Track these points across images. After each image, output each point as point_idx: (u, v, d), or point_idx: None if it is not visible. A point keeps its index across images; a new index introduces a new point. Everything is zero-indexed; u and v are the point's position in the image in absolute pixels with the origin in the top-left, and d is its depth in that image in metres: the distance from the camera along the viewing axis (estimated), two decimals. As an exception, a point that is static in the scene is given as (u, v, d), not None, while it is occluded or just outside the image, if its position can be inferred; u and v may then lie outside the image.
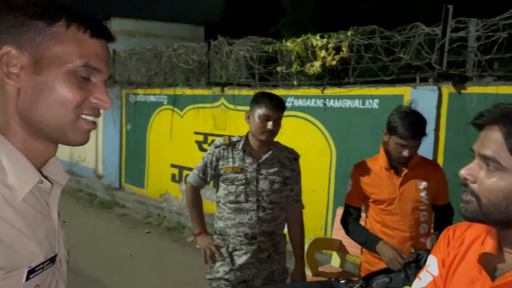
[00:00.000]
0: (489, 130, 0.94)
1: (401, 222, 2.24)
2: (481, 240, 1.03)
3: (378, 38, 4.19)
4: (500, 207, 0.91)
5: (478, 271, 0.98)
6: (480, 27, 3.52)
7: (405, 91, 4.00)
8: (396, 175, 2.27)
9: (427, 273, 1.13)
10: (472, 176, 0.95)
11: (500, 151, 0.90)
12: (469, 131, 3.57)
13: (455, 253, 1.07)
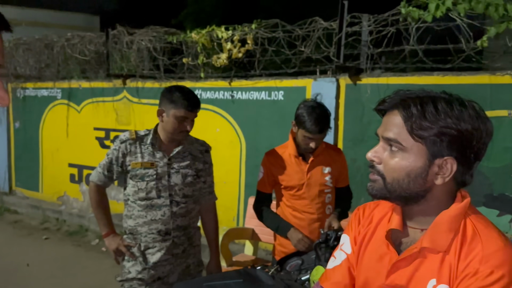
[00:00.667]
0: (390, 115, 1.01)
1: (310, 206, 2.38)
2: (388, 217, 1.11)
3: (280, 32, 4.32)
4: (403, 184, 0.98)
5: (386, 246, 1.06)
6: (372, 22, 3.82)
7: (307, 83, 4.19)
8: (304, 162, 2.40)
9: (341, 252, 1.19)
10: (377, 158, 1.02)
11: (400, 133, 0.97)
12: (364, 119, 3.87)
13: (365, 231, 1.14)
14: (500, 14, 3.08)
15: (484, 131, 0.95)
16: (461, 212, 0.98)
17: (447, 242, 0.96)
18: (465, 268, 0.92)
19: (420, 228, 1.03)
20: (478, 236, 0.94)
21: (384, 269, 1.04)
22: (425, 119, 0.94)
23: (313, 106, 2.29)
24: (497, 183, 3.31)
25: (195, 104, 2.15)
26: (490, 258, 0.90)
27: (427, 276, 0.97)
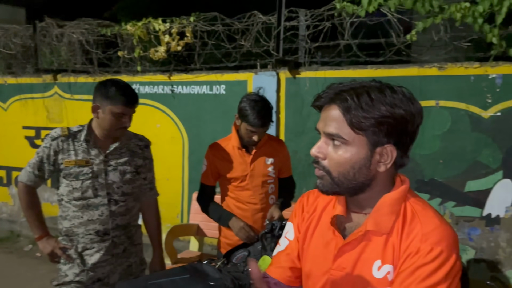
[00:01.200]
0: (328, 109, 1.02)
1: (253, 196, 2.41)
2: (333, 204, 1.13)
3: (220, 25, 4.29)
4: (349, 176, 1.00)
5: (332, 232, 1.08)
6: (309, 17, 3.90)
7: (248, 76, 4.20)
8: (247, 154, 2.41)
9: (285, 239, 1.21)
10: (322, 154, 1.03)
11: (341, 127, 0.99)
12: (304, 111, 3.96)
13: (310, 218, 1.16)
14: (427, 10, 3.27)
15: (416, 113, 1.00)
16: (401, 196, 1.02)
17: (389, 224, 1.00)
18: (407, 248, 0.97)
19: (364, 213, 1.07)
20: (417, 217, 0.99)
21: (330, 254, 1.07)
22: (362, 110, 0.97)
23: (256, 100, 2.31)
24: (428, 169, 3.54)
25: (133, 99, 2.06)
26: (429, 236, 0.95)
27: (372, 258, 1.01)
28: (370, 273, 1.00)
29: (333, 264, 1.06)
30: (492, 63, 3.25)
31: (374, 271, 1.00)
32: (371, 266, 1.00)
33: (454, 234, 0.97)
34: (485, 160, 3.35)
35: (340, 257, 1.05)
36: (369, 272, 1.00)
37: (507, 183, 3.29)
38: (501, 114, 3.28)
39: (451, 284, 0.92)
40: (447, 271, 0.92)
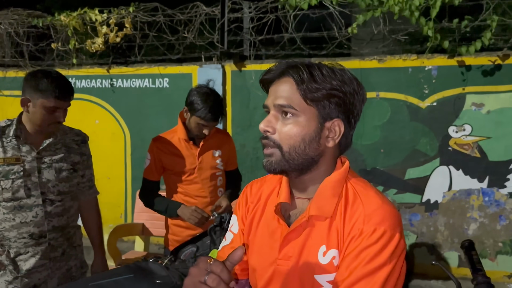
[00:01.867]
0: (279, 82, 1.00)
1: (202, 189, 2.35)
2: (277, 192, 1.10)
3: (161, 16, 4.15)
4: (299, 150, 0.97)
5: (276, 221, 1.04)
6: (253, 9, 3.87)
7: (193, 69, 4.10)
8: (194, 146, 2.34)
9: (230, 233, 1.16)
10: (271, 128, 0.99)
11: (293, 98, 0.96)
12: (251, 105, 3.93)
13: (254, 209, 1.12)
14: (367, 3, 3.35)
15: (362, 94, 1.00)
16: (343, 177, 1.01)
17: (332, 207, 0.98)
18: (351, 230, 0.95)
19: (307, 198, 1.04)
20: (359, 198, 0.98)
21: (276, 243, 1.03)
22: (315, 82, 0.95)
23: (207, 93, 2.24)
24: (369, 158, 3.65)
25: (67, 91, 1.90)
26: (372, 217, 0.93)
27: (317, 244, 0.98)
28: (316, 259, 0.98)
29: (279, 253, 1.02)
30: (428, 55, 3.41)
31: (320, 257, 0.97)
32: (316, 252, 0.98)
33: (397, 212, 0.96)
34: (423, 148, 3.52)
35: (286, 245, 1.02)
36: (315, 258, 0.98)
37: (444, 170, 3.48)
38: (436, 104, 3.45)
39: (396, 264, 0.92)
40: (392, 251, 0.91)
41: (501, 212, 3.35)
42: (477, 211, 3.41)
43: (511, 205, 3.33)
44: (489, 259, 3.38)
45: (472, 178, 3.41)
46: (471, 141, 3.39)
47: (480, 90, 3.34)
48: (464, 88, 3.38)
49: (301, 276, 0.98)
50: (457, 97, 3.41)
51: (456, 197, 3.47)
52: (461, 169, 3.44)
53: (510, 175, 3.31)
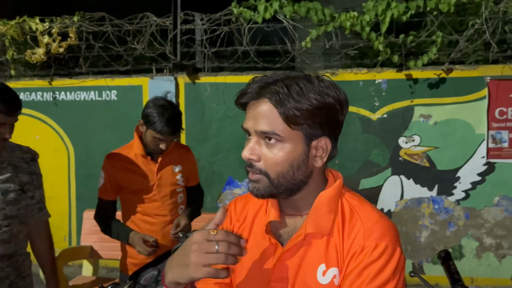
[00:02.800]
0: (256, 105, 0.92)
1: (162, 208, 2.21)
2: (264, 209, 1.03)
3: (109, 26, 3.96)
4: (288, 176, 0.92)
5: (267, 240, 0.98)
6: (206, 21, 3.82)
7: (143, 81, 3.95)
8: (152, 162, 2.20)
9: None
10: (255, 155, 0.92)
11: (275, 123, 0.90)
12: (205, 118, 3.85)
13: (241, 229, 1.04)
14: (319, 18, 3.42)
15: (343, 101, 0.94)
16: (337, 192, 0.96)
17: (329, 224, 0.93)
18: (351, 247, 0.91)
19: (300, 214, 0.98)
20: (356, 213, 0.94)
21: (267, 265, 0.96)
22: (295, 101, 0.89)
23: (164, 105, 2.11)
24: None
25: (14, 105, 1.72)
26: (372, 232, 0.90)
27: (315, 263, 0.93)
28: (315, 280, 0.92)
29: (273, 275, 0.95)
30: (378, 69, 3.54)
31: (319, 276, 0.92)
32: (315, 272, 0.92)
33: (395, 226, 0.94)
34: (375, 159, 3.62)
35: (280, 266, 0.95)
36: (314, 278, 0.92)
37: (395, 180, 3.60)
38: (387, 116, 3.58)
39: (399, 279, 0.89)
40: (395, 267, 0.88)
41: (450, 219, 3.52)
42: (428, 218, 3.55)
43: (459, 212, 3.51)
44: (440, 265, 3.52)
45: (422, 187, 3.56)
46: (420, 151, 3.55)
47: (427, 102, 3.51)
48: (412, 100, 3.54)
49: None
50: (406, 109, 3.56)
51: (408, 205, 3.59)
52: (412, 179, 3.58)
53: (457, 183, 3.50)
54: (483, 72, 3.40)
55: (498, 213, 3.44)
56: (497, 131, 3.39)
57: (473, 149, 3.45)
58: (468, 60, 3.64)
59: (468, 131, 3.45)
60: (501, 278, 3.44)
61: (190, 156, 2.41)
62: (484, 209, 3.47)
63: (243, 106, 0.96)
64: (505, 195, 3.42)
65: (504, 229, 3.44)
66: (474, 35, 3.49)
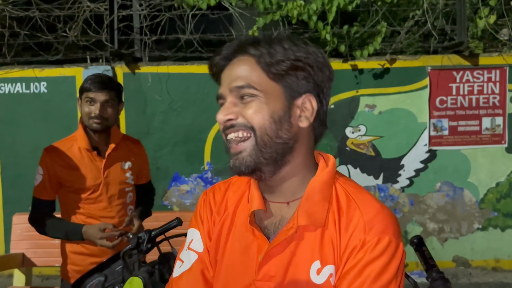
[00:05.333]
0: (233, 64, 0.84)
1: (109, 209, 2.00)
2: (246, 198, 0.91)
3: (36, 11, 3.61)
4: (271, 130, 0.82)
5: (251, 233, 0.86)
6: (145, 6, 3.59)
7: (77, 72, 3.64)
8: (99, 157, 1.98)
9: (190, 251, 0.93)
10: (233, 114, 0.82)
11: (252, 76, 0.82)
12: (148, 110, 3.63)
13: (222, 220, 0.91)
14: (266, 6, 3.34)
15: (330, 69, 0.87)
16: (331, 177, 0.86)
17: (324, 214, 0.83)
18: (349, 241, 0.81)
19: (285, 202, 0.87)
20: (353, 202, 0.84)
21: (252, 261, 0.85)
22: (277, 53, 0.81)
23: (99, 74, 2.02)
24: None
25: None
26: (373, 225, 0.81)
27: (308, 260, 0.82)
28: (308, 279, 0.82)
29: (258, 273, 0.84)
30: (325, 59, 3.52)
31: (313, 275, 0.81)
32: (308, 270, 0.82)
33: (396, 218, 0.85)
34: (324, 149, 3.59)
35: (267, 263, 0.84)
36: (307, 277, 0.82)
37: (343, 169, 3.62)
38: (334, 106, 3.59)
39: (402, 277, 0.81)
40: (398, 264, 0.80)
41: (395, 206, 3.61)
42: (375, 206, 3.62)
43: (403, 199, 3.61)
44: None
45: (368, 176, 3.61)
46: (366, 141, 3.60)
47: (372, 92, 3.56)
48: (357, 90, 3.57)
49: None
50: (352, 99, 3.58)
51: (356, 194, 3.64)
52: (359, 168, 3.62)
53: (401, 171, 3.59)
54: (425, 62, 3.50)
55: (440, 199, 3.59)
56: (438, 119, 3.52)
57: (416, 138, 3.56)
58: (409, 51, 3.75)
59: (411, 120, 3.55)
60: (444, 261, 3.59)
61: (140, 151, 2.19)
62: (427, 195, 3.60)
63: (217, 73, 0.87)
64: (446, 181, 3.57)
65: (446, 214, 3.59)
66: (415, 26, 3.59)
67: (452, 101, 3.51)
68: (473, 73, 3.49)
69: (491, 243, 3.61)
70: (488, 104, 3.51)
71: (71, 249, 2.00)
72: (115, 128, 2.06)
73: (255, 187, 0.89)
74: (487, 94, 3.51)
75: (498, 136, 3.53)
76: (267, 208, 0.88)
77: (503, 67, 3.49)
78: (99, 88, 1.88)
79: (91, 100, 1.89)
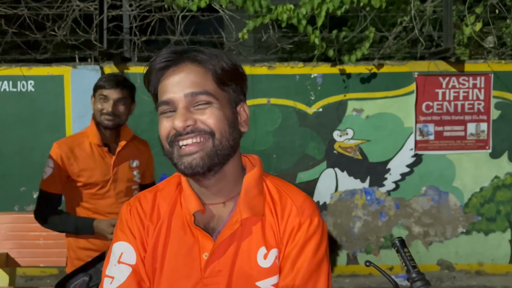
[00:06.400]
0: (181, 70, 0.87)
1: (115, 205, 2.03)
2: (179, 202, 0.94)
3: (25, 9, 3.58)
4: (228, 133, 0.88)
5: (190, 236, 0.90)
6: (135, 7, 3.59)
7: (65, 71, 3.62)
8: (109, 154, 2.02)
9: (122, 265, 0.91)
10: (191, 120, 0.86)
11: (206, 83, 0.87)
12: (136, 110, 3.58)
13: (156, 229, 0.92)
14: (256, 9, 3.36)
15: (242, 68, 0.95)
16: (261, 173, 0.96)
17: (262, 205, 0.92)
18: (287, 225, 0.91)
19: (222, 202, 0.93)
20: (283, 193, 0.94)
21: (195, 262, 0.88)
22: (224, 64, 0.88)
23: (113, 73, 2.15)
24: (263, 164, 3.64)
25: None
26: (304, 209, 0.92)
27: (254, 248, 0.89)
28: (256, 265, 0.89)
29: (205, 271, 0.88)
30: (314, 63, 3.56)
31: (260, 260, 0.89)
32: (255, 257, 0.89)
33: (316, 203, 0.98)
34: (311, 152, 3.65)
35: (213, 260, 0.88)
36: (255, 263, 0.89)
37: (330, 172, 3.65)
38: (322, 110, 3.62)
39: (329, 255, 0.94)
40: (327, 241, 0.93)
41: (381, 209, 3.65)
42: (361, 209, 3.66)
43: (389, 202, 3.65)
44: (373, 254, 3.64)
45: (355, 179, 3.65)
46: (353, 144, 3.63)
47: (360, 96, 3.60)
48: (345, 94, 3.61)
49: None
50: (340, 103, 3.62)
51: (342, 197, 3.67)
52: (346, 171, 3.65)
53: (387, 175, 3.63)
54: (411, 68, 3.56)
55: (425, 203, 3.64)
56: (424, 124, 3.58)
57: (402, 142, 3.60)
58: (397, 56, 3.80)
59: (397, 125, 3.60)
60: (428, 264, 3.64)
61: (147, 151, 2.26)
62: (413, 199, 3.65)
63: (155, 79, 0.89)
64: (432, 185, 3.63)
65: (431, 218, 3.64)
66: (403, 32, 3.65)
67: (438, 106, 3.57)
68: (459, 79, 3.55)
69: (475, 247, 3.67)
70: (473, 110, 3.58)
71: (78, 245, 2.03)
72: (125, 127, 2.12)
73: (190, 191, 0.93)
74: (472, 100, 3.57)
75: (482, 141, 3.59)
76: (207, 210, 0.93)
77: (488, 74, 3.56)
78: (113, 86, 1.94)
79: (104, 97, 1.94)
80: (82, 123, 3.55)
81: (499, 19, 3.81)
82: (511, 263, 3.68)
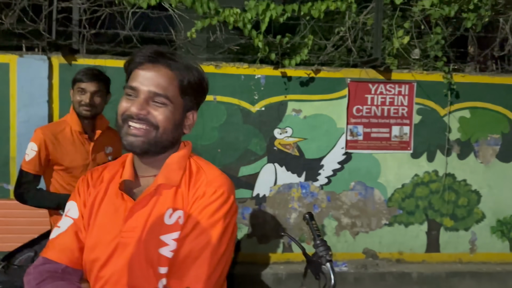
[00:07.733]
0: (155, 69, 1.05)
1: None
2: (120, 174, 1.15)
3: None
4: (170, 133, 1.08)
5: (120, 197, 1.09)
6: (85, 0, 3.64)
7: (11, 59, 3.59)
8: (88, 141, 2.22)
9: (67, 218, 1.13)
10: (145, 111, 1.05)
11: (169, 88, 1.05)
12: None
13: (96, 191, 1.14)
14: (204, 10, 3.54)
15: (206, 84, 1.15)
16: (187, 154, 1.14)
17: (178, 177, 1.09)
18: (195, 193, 1.07)
19: (153, 175, 1.12)
20: (201, 169, 1.12)
21: (119, 220, 1.07)
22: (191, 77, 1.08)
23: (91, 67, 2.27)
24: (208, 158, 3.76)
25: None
26: (213, 182, 1.08)
27: (164, 209, 1.06)
28: (162, 222, 1.05)
29: (124, 226, 1.06)
30: (258, 65, 3.80)
31: (166, 218, 1.05)
32: (163, 216, 1.05)
33: (232, 182, 1.14)
34: (254, 148, 3.88)
35: (131, 217, 1.07)
36: (161, 221, 1.05)
37: (270, 167, 3.91)
38: (264, 109, 3.87)
39: (230, 222, 1.07)
40: (228, 208, 1.06)
41: (315, 202, 3.96)
42: (296, 202, 3.95)
43: (322, 196, 3.97)
44: (307, 243, 3.94)
45: (292, 174, 3.93)
46: (291, 142, 3.91)
47: (299, 98, 3.89)
48: (286, 96, 3.88)
49: (147, 241, 1.04)
50: (281, 104, 3.89)
51: (280, 191, 3.94)
52: (284, 166, 3.93)
53: (321, 170, 3.95)
54: (345, 74, 3.89)
55: (354, 196, 3.99)
56: (354, 125, 3.93)
57: (335, 141, 3.93)
58: (334, 63, 4.13)
59: (331, 125, 3.92)
60: (355, 253, 3.99)
61: (118, 140, 2.45)
62: (343, 193, 3.99)
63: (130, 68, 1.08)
64: (359, 181, 3.98)
65: (358, 210, 4.00)
66: (339, 41, 3.98)
67: (367, 110, 3.94)
68: (386, 87, 3.94)
69: (396, 238, 4.07)
70: (398, 114, 3.98)
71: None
72: (101, 117, 2.31)
73: (129, 164, 1.14)
74: (397, 105, 3.97)
75: (405, 143, 4.01)
76: (137, 180, 1.13)
77: (411, 83, 3.97)
78: (90, 80, 2.14)
79: (82, 90, 2.14)
80: (27, 112, 3.55)
81: (424, 34, 4.25)
82: (427, 252, 4.11)
